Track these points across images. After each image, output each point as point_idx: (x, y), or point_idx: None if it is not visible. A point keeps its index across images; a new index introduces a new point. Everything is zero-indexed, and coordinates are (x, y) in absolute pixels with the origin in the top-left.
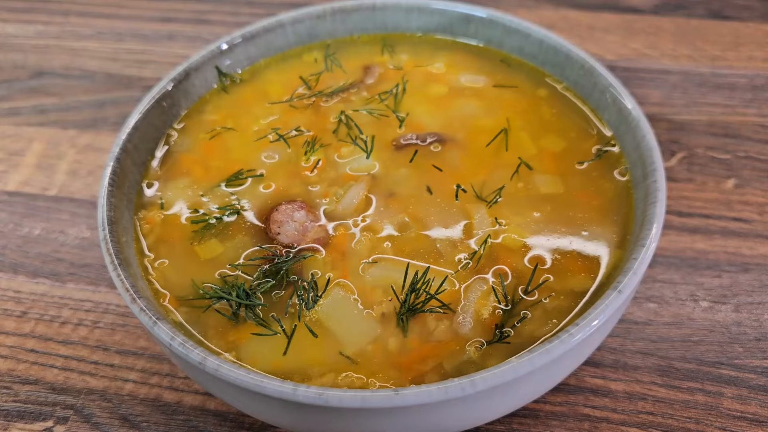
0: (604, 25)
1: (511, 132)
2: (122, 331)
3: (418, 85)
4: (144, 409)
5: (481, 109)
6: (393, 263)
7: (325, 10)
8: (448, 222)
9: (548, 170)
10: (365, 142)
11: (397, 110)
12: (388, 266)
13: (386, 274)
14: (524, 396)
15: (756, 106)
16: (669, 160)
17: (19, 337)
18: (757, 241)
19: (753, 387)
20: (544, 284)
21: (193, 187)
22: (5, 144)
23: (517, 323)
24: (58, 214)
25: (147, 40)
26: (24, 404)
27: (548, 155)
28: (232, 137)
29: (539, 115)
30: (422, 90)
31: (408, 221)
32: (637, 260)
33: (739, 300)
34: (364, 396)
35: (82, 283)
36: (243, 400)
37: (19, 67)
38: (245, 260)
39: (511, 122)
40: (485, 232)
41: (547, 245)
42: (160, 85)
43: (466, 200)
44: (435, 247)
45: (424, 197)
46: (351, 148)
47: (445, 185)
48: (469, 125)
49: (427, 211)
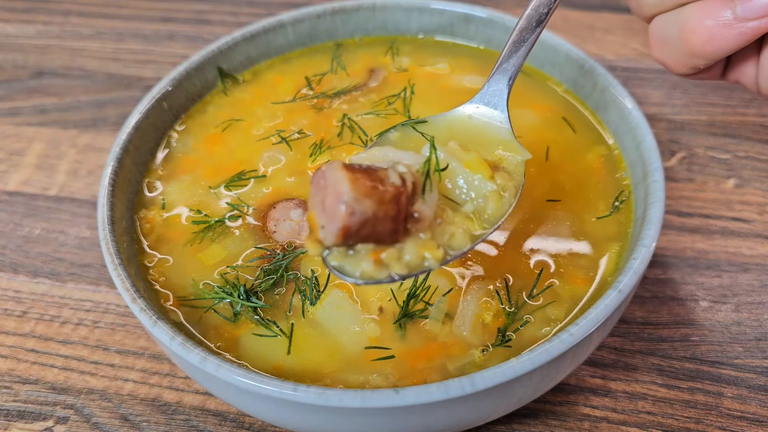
0: (604, 25)
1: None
2: (122, 331)
3: (423, 87)
4: (144, 408)
5: None
6: None
7: (326, 10)
8: None
9: (549, 171)
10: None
11: (406, 113)
12: None
13: None
14: (524, 396)
15: (756, 106)
16: (669, 160)
17: (20, 337)
18: (757, 241)
19: (753, 387)
20: (548, 288)
21: (195, 188)
22: (5, 144)
23: (520, 326)
24: (59, 214)
25: (147, 40)
26: (24, 404)
27: (551, 155)
28: (234, 138)
29: (545, 116)
30: (427, 92)
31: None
32: (637, 260)
33: (739, 300)
34: (364, 396)
35: (83, 283)
36: (243, 400)
37: (20, 67)
38: (244, 261)
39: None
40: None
41: (547, 247)
42: (160, 85)
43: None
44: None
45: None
46: (359, 151)
47: None
48: None
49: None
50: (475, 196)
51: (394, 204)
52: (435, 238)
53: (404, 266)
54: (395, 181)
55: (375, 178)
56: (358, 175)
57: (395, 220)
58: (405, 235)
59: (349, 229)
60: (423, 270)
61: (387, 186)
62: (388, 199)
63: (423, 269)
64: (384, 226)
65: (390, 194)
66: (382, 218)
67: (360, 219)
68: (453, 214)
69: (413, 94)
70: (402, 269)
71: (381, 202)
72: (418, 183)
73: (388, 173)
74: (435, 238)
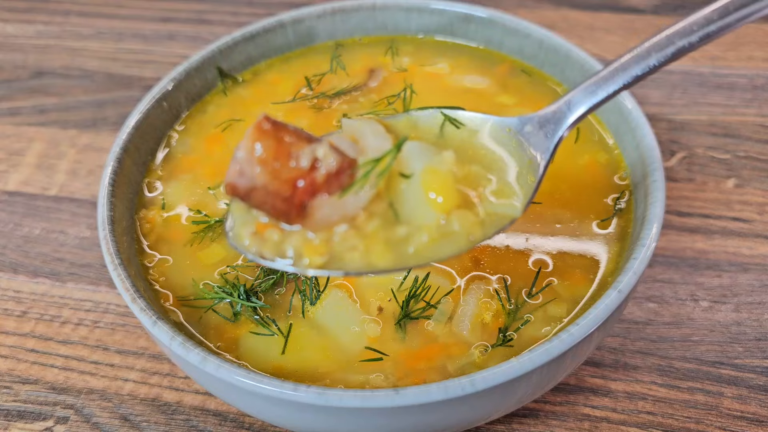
0: (604, 25)
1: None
2: (122, 331)
3: (423, 87)
4: (144, 408)
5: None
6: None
7: (325, 10)
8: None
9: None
10: None
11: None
12: None
13: (385, 275)
14: (524, 396)
15: (756, 106)
16: (669, 160)
17: (19, 337)
18: (757, 241)
19: (753, 387)
20: (547, 287)
21: (195, 188)
22: (5, 144)
23: (521, 326)
24: (59, 213)
25: (147, 40)
26: (24, 404)
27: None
28: (234, 138)
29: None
30: (427, 92)
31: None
32: (637, 260)
33: (739, 300)
34: (364, 395)
35: (82, 283)
36: (243, 400)
37: (19, 67)
38: (244, 261)
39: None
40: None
41: (547, 247)
42: (160, 85)
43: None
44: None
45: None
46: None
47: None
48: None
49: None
50: (413, 221)
51: (290, 185)
52: (329, 243)
53: (275, 252)
54: (304, 163)
55: (286, 149)
56: (269, 139)
57: (287, 202)
58: (302, 221)
59: (236, 189)
60: (292, 267)
61: (293, 162)
62: (284, 176)
63: (291, 268)
64: (274, 203)
65: (288, 173)
66: (272, 193)
67: (247, 183)
68: (372, 229)
69: (413, 94)
70: (271, 254)
71: (275, 176)
72: (342, 173)
73: (310, 150)
74: (329, 243)
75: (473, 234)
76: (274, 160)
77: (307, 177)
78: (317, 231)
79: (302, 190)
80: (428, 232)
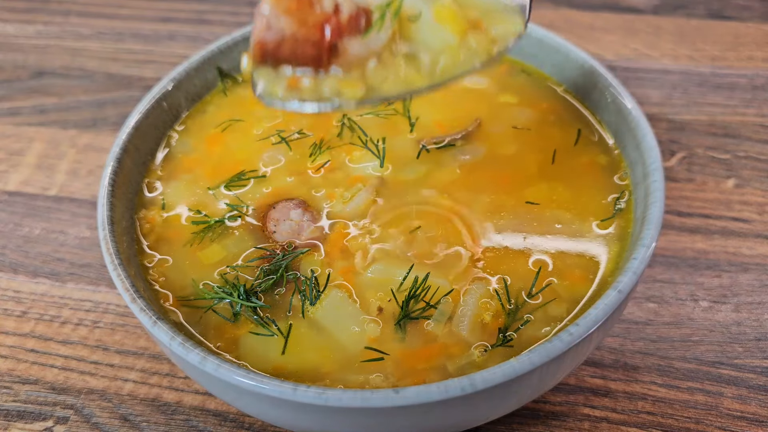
0: (604, 25)
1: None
2: (122, 331)
3: None
4: (144, 408)
5: (485, 111)
6: (393, 265)
7: None
8: (453, 228)
9: (549, 171)
10: (377, 146)
11: (405, 114)
12: (388, 268)
13: (385, 275)
14: (524, 396)
15: (756, 106)
16: (669, 160)
17: (19, 337)
18: (757, 241)
19: (753, 387)
20: (547, 287)
21: (195, 188)
22: (5, 144)
23: (521, 326)
24: (58, 214)
25: (147, 40)
26: (24, 404)
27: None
28: (233, 138)
29: (542, 118)
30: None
31: (412, 224)
32: (637, 260)
33: (739, 300)
34: (364, 396)
35: (82, 283)
36: (243, 400)
37: (19, 67)
38: (244, 261)
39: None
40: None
41: (546, 247)
42: (160, 85)
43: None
44: (436, 253)
45: (431, 201)
46: (362, 152)
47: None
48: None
49: (432, 215)
50: (434, 47)
51: (318, 29)
52: (363, 77)
53: (316, 96)
54: (327, 8)
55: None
56: None
57: (317, 46)
58: (329, 65)
59: (265, 45)
60: (334, 105)
61: (315, 8)
62: (311, 22)
63: (334, 104)
64: (304, 50)
65: (315, 18)
66: (302, 41)
67: (276, 36)
68: (397, 58)
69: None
70: (312, 98)
71: (302, 23)
72: (360, 16)
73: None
74: (363, 77)
75: (489, 49)
76: (297, 8)
77: (332, 19)
78: (350, 70)
79: (331, 31)
80: (450, 51)
